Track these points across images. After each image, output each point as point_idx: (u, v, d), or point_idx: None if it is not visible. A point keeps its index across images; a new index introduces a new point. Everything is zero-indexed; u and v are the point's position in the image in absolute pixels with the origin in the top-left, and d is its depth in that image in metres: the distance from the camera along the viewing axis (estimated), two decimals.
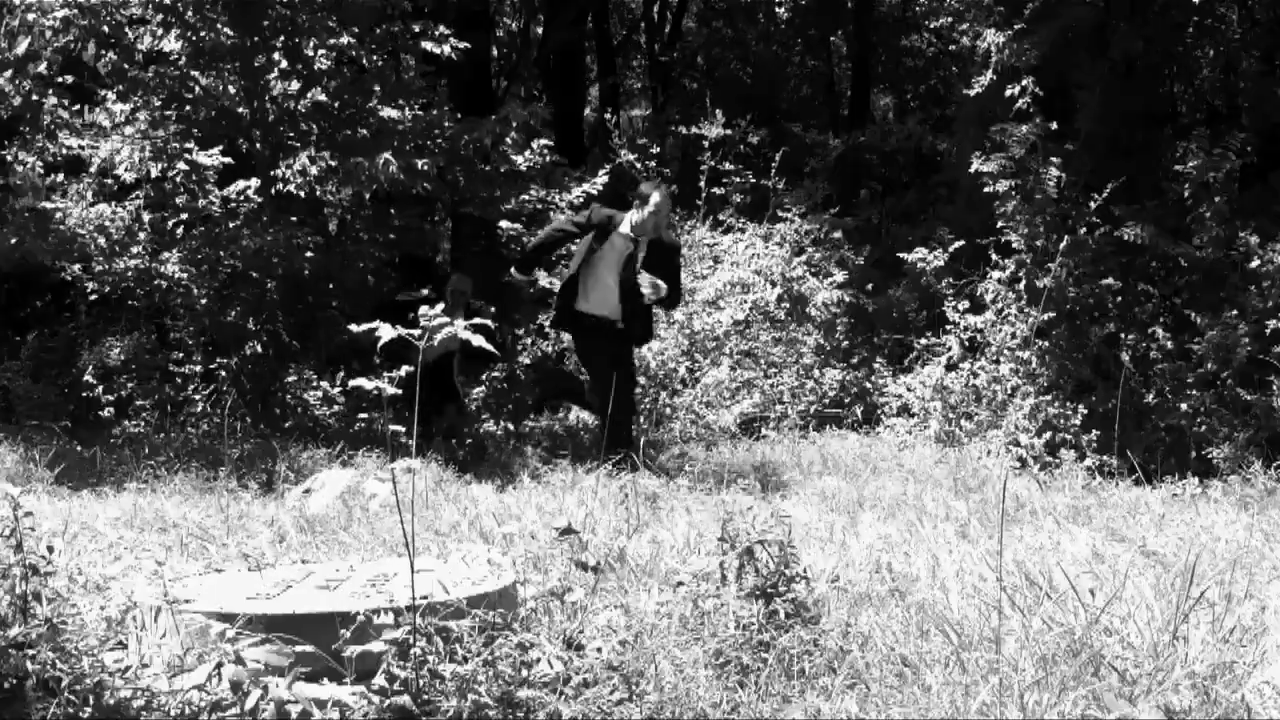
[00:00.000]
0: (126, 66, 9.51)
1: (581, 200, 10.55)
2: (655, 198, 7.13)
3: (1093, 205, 8.49)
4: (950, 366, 8.52)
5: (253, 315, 9.69)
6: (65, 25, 8.91)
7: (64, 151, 10.00)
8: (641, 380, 8.59)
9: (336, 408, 9.14)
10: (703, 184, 10.35)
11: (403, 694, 2.52)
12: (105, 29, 9.21)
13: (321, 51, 9.59)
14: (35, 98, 9.42)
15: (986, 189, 8.57)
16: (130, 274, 9.70)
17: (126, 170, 9.65)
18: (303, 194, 9.89)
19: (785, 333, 9.55)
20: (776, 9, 17.29)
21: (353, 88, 9.81)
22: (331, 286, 10.18)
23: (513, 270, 7.75)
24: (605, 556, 4.07)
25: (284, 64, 9.61)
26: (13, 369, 10.27)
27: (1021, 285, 8.41)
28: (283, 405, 9.23)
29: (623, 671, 2.75)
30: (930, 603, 3.37)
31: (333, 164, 9.56)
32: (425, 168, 9.44)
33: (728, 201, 10.67)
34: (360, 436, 8.47)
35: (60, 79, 9.62)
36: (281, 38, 9.49)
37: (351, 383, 2.72)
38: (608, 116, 18.33)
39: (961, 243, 9.01)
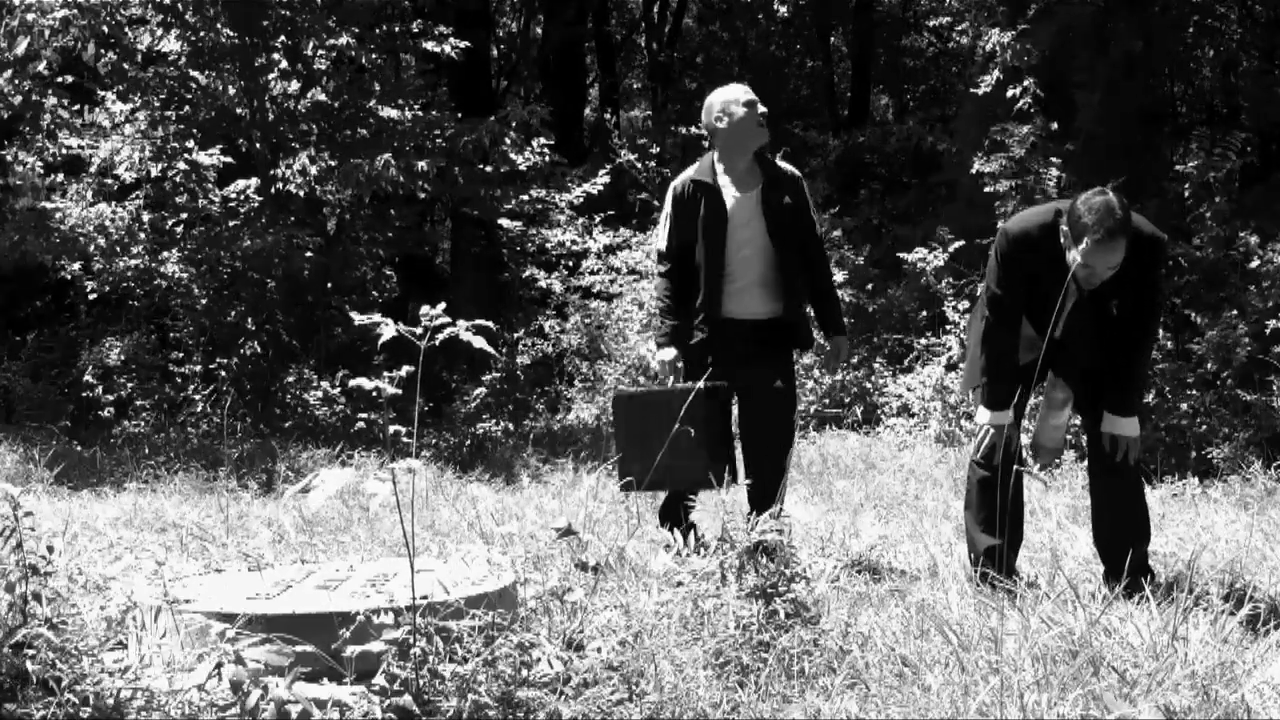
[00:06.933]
0: (126, 66, 9.53)
1: (581, 200, 10.53)
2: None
3: None
4: (950, 366, 8.51)
5: (253, 315, 9.70)
6: (65, 25, 8.93)
7: (64, 151, 10.02)
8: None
9: (337, 408, 9.14)
10: None
11: (403, 694, 2.52)
12: (105, 29, 9.23)
13: (321, 51, 9.60)
14: (35, 98, 9.44)
15: (987, 189, 8.56)
16: (130, 274, 9.71)
17: (126, 170, 9.67)
18: (302, 194, 9.90)
19: None
20: (776, 9, 17.28)
21: (352, 88, 9.83)
22: (331, 286, 10.19)
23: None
24: (605, 556, 4.07)
25: (284, 64, 9.62)
26: (13, 369, 10.28)
27: None
28: (282, 405, 9.23)
29: (623, 671, 2.75)
30: (930, 603, 3.37)
31: (333, 164, 9.57)
32: (425, 168, 9.44)
33: None
34: (360, 436, 8.47)
35: (60, 79, 9.64)
36: (281, 38, 9.50)
37: (351, 383, 2.72)
38: (608, 116, 18.37)
39: (961, 243, 9.00)
